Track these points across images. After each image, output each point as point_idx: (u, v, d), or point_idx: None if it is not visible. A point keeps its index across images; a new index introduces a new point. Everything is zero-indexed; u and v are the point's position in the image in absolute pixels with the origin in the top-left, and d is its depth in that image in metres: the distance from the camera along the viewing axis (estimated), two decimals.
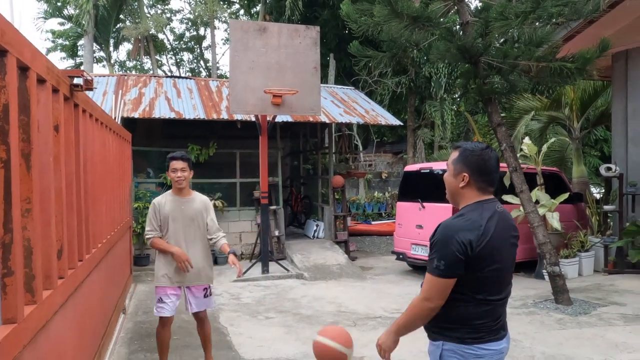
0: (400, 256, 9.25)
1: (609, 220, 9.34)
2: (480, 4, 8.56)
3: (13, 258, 1.91)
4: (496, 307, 2.15)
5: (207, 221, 4.36)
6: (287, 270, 9.01)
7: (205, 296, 4.34)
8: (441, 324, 2.16)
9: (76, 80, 3.08)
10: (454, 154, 2.23)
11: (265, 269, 8.74)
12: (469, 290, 2.09)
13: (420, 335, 2.41)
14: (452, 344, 2.13)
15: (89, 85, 3.15)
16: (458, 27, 7.50)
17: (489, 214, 2.12)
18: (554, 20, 6.63)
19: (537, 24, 6.57)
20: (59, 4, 24.06)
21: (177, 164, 4.21)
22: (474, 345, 2.10)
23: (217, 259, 10.06)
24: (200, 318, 4.38)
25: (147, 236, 4.24)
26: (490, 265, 2.08)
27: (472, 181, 2.16)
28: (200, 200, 4.41)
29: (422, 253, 8.58)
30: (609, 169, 8.80)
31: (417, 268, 9.23)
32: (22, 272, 2.03)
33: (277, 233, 10.33)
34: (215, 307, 4.62)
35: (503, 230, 2.15)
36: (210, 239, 4.36)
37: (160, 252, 4.23)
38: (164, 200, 4.27)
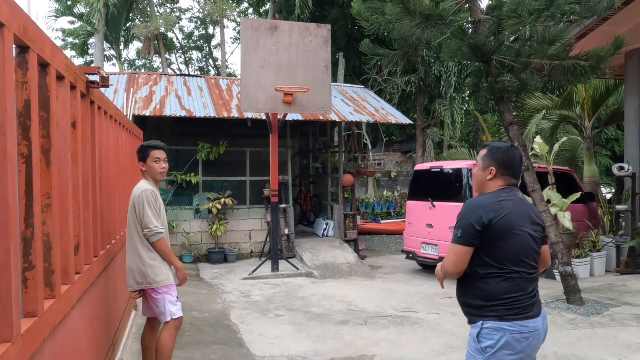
0: (410, 255, 9.22)
1: (621, 220, 9.26)
2: (491, 2, 8.52)
3: (34, 252, 1.93)
4: (525, 281, 2.35)
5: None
6: (297, 268, 9.03)
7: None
8: (478, 302, 2.37)
9: (93, 78, 3.10)
10: (483, 152, 2.56)
11: (275, 267, 8.75)
12: (496, 262, 2.32)
13: (431, 335, 2.44)
14: (492, 322, 2.31)
15: (105, 82, 3.18)
16: (469, 25, 7.46)
17: (507, 195, 2.42)
18: (567, 18, 6.58)
19: (550, 22, 6.52)
20: (69, 2, 24.21)
21: (160, 154, 3.81)
22: (514, 322, 2.29)
23: (227, 257, 10.12)
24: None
25: (159, 231, 3.66)
26: (510, 238, 2.32)
27: (498, 174, 2.47)
28: None
29: (432, 252, 8.56)
30: (621, 168, 8.73)
31: (427, 267, 9.20)
32: (42, 266, 2.05)
33: (287, 231, 10.35)
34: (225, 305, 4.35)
35: (521, 210, 2.40)
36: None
37: (157, 251, 3.70)
38: (154, 190, 3.80)
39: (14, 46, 1.79)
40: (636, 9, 7.58)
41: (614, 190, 11.26)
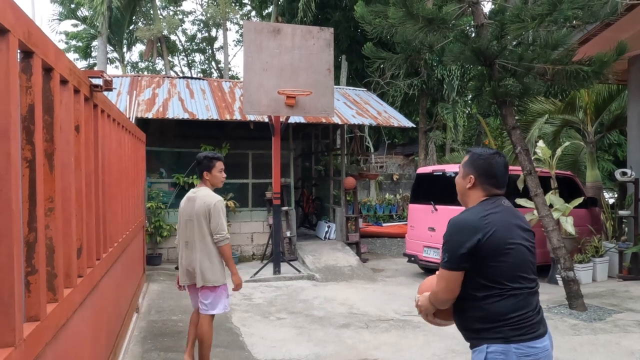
0: (412, 258, 9.22)
1: (623, 225, 9.23)
2: (493, 6, 8.52)
3: (37, 256, 1.93)
4: (528, 296, 2.17)
5: None
6: (299, 271, 9.02)
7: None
8: (478, 325, 2.18)
9: (96, 81, 3.11)
10: (465, 158, 2.40)
11: (276, 270, 8.75)
12: (492, 282, 2.14)
13: (432, 339, 2.41)
14: (497, 345, 2.12)
15: (108, 85, 3.18)
16: (472, 29, 7.47)
17: (493, 207, 2.23)
18: (570, 23, 6.58)
19: (553, 26, 6.52)
20: (73, 5, 24.28)
21: (222, 165, 4.33)
22: (521, 344, 2.10)
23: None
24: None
25: (227, 237, 4.18)
26: (503, 255, 2.13)
27: (478, 183, 2.30)
28: None
29: (434, 256, 8.55)
30: (624, 173, 8.71)
31: (429, 271, 9.19)
32: (45, 270, 2.05)
33: (288, 234, 10.35)
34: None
35: (509, 221, 2.23)
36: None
37: (222, 254, 4.18)
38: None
39: (18, 51, 1.79)
40: (639, 14, 7.58)
41: (616, 195, 11.23)
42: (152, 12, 24.92)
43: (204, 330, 4.18)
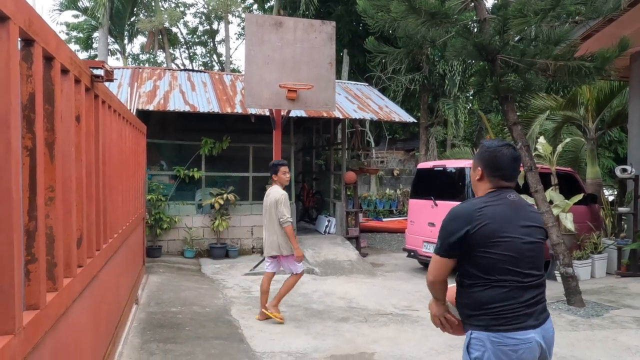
0: (412, 253, 9.23)
1: (622, 222, 9.24)
2: (496, 1, 8.51)
3: (37, 245, 1.94)
4: (516, 289, 2.18)
5: None
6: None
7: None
8: (466, 311, 2.29)
9: (97, 72, 3.10)
10: (477, 151, 2.47)
11: None
12: (480, 271, 2.21)
13: (430, 333, 2.43)
14: (478, 332, 2.21)
15: (109, 76, 3.18)
16: (475, 24, 7.44)
17: (494, 200, 2.27)
18: (573, 18, 6.56)
19: (555, 22, 6.50)
20: None
21: (286, 169, 5.96)
22: (499, 333, 2.15)
23: (229, 252, 10.14)
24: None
25: (289, 220, 5.69)
26: (491, 246, 2.18)
27: (485, 175, 2.35)
28: None
29: (433, 251, 8.55)
30: (624, 170, 8.71)
31: (428, 266, 9.21)
32: (45, 259, 2.06)
33: None
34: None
35: (509, 214, 2.25)
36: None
37: (286, 233, 5.70)
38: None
39: (19, 39, 1.79)
40: None
41: (616, 192, 11.24)
42: (153, 3, 24.85)
43: (290, 282, 5.91)
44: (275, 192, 5.79)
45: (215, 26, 30.97)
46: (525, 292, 2.20)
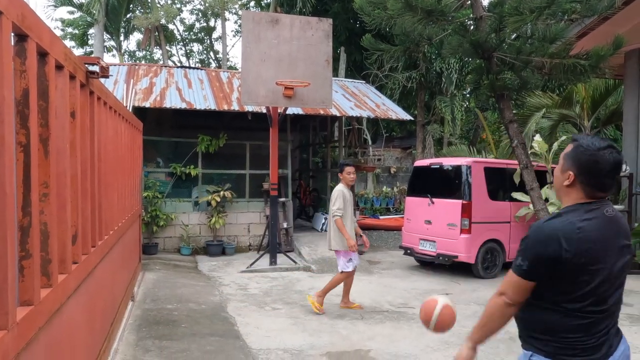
0: (408, 251, 9.24)
1: None
2: None
3: (31, 241, 1.94)
4: (596, 321, 1.88)
5: None
6: (295, 262, 9.04)
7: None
8: (531, 333, 1.98)
9: (92, 68, 3.10)
10: (568, 147, 2.01)
11: (273, 261, 8.77)
12: (560, 298, 1.88)
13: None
14: (539, 357, 1.92)
15: (104, 72, 3.17)
16: (471, 22, 7.45)
17: (590, 216, 1.88)
18: (568, 16, 6.58)
19: (551, 20, 6.52)
20: None
21: (351, 169, 6.16)
22: None
23: (225, 249, 10.14)
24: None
25: (338, 214, 5.90)
26: (585, 274, 1.84)
27: (577, 182, 1.93)
28: None
29: (430, 248, 8.57)
30: None
31: (425, 263, 9.23)
32: (39, 255, 2.05)
33: (285, 225, 10.36)
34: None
35: (609, 235, 1.90)
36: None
37: (337, 226, 5.94)
38: (344, 190, 6.06)
39: (12, 34, 1.78)
40: (636, 8, 7.57)
41: None
42: (149, 0, 24.78)
43: (335, 278, 6.19)
44: (334, 189, 6.19)
45: (212, 23, 30.94)
46: (603, 323, 1.91)
